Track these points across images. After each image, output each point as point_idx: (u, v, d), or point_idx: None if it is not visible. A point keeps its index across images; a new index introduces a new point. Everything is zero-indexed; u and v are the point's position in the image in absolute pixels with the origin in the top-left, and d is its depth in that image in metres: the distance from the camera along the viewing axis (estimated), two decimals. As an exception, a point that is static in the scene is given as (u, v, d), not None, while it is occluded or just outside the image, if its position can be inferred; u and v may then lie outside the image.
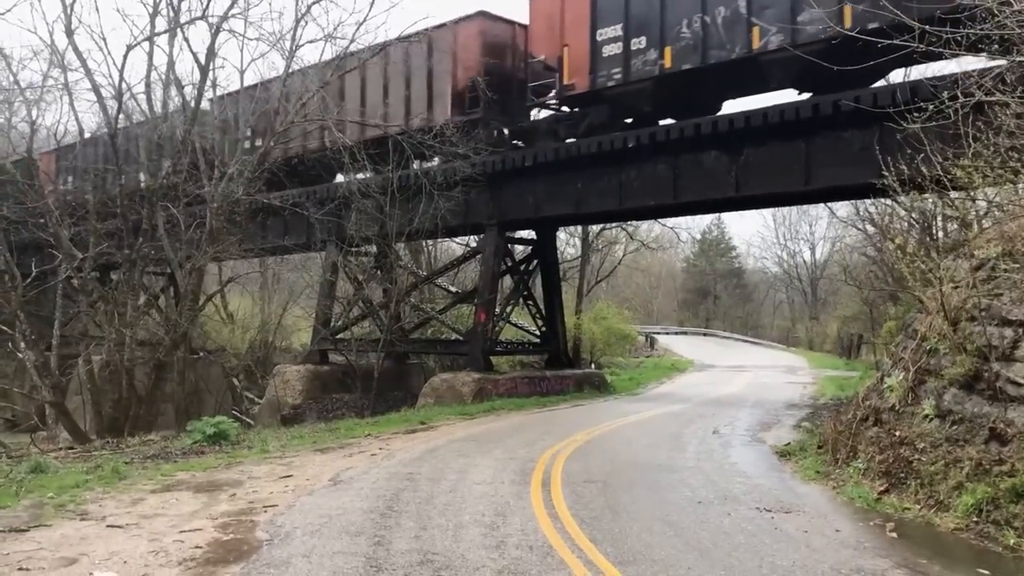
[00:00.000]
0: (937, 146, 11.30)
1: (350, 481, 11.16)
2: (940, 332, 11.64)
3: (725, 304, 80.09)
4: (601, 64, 21.91)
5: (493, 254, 25.51)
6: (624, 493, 10.37)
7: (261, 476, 11.75)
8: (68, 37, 19.00)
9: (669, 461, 12.99)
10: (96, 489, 10.76)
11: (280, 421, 25.83)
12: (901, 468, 10.46)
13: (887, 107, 13.42)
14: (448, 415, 20.18)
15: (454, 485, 10.75)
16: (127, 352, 19.66)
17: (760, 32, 19.12)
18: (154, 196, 20.62)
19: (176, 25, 19.63)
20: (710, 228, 78.76)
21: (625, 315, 44.51)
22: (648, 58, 21.13)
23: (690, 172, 21.43)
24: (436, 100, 25.12)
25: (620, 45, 21.55)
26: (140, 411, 20.12)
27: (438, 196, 23.53)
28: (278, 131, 21.62)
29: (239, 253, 23.00)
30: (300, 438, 16.37)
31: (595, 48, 21.99)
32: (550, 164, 23.47)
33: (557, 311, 28.02)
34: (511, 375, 25.73)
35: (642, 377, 35.20)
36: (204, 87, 20.61)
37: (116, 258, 22.13)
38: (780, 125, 19.36)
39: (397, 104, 26.36)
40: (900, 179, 11.54)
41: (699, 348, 54.92)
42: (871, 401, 13.54)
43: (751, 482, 11.40)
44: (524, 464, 12.41)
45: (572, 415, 20.68)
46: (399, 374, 29.61)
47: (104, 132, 22.82)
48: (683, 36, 20.39)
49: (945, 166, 10.51)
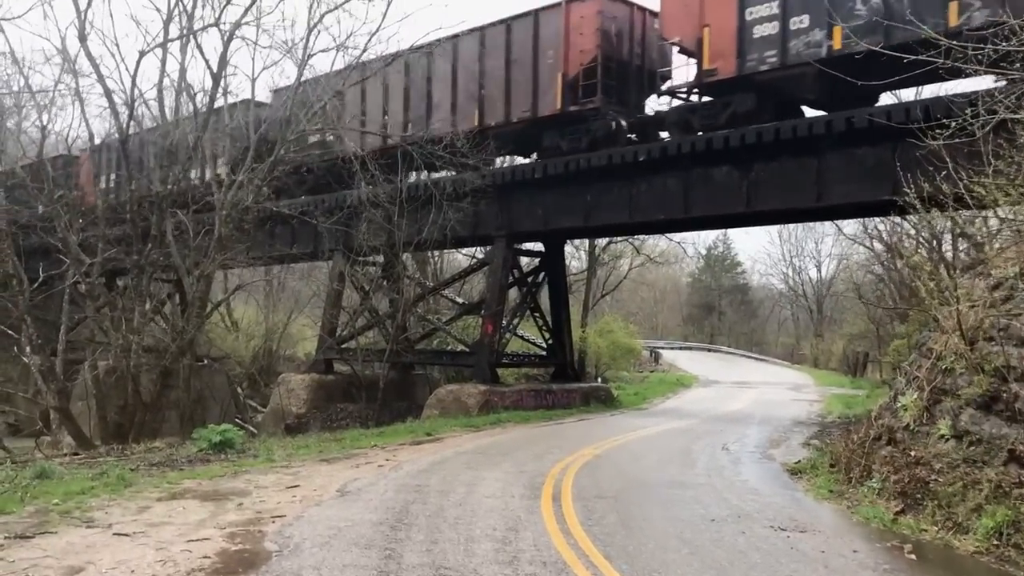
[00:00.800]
0: (955, 164, 11.23)
1: (358, 492, 11.04)
2: (957, 351, 11.51)
3: (730, 320, 79.95)
4: (751, 46, 19.52)
5: (501, 266, 25.43)
6: (636, 509, 10.23)
7: (268, 485, 11.64)
8: (81, 42, 19.01)
9: (680, 477, 12.85)
10: (102, 496, 10.65)
11: (284, 430, 25.70)
12: (917, 489, 10.31)
13: (905, 123, 13.23)
14: (454, 427, 20.05)
15: (464, 498, 10.62)
16: (133, 358, 19.57)
17: (959, 7, 16.42)
18: (164, 202, 20.58)
19: (189, 32, 19.61)
20: (716, 243, 78.85)
21: (631, 329, 44.34)
22: (812, 39, 18.70)
23: (700, 186, 21.34)
24: (542, 89, 23.18)
25: (776, 24, 19.15)
26: (145, 418, 20.01)
27: (447, 207, 23.44)
28: (289, 139, 21.56)
29: (247, 261, 22.93)
30: (306, 448, 16.25)
31: (744, 28, 19.65)
32: (560, 176, 23.39)
33: (564, 324, 27.92)
34: (517, 387, 25.60)
35: (648, 392, 35.02)
36: (216, 94, 20.60)
37: (124, 264, 22.06)
38: (792, 141, 19.28)
39: (467, 103, 24.93)
40: (919, 196, 11.35)
41: (704, 364, 54.71)
42: (884, 420, 13.39)
43: (764, 500, 11.26)
44: (533, 478, 12.28)
45: (579, 429, 20.54)
46: (404, 385, 29.50)
47: (134, 134, 22.72)
48: (858, 13, 17.99)
49: (966, 184, 10.40)
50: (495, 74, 24.41)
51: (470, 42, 25.07)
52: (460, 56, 25.28)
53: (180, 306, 23.15)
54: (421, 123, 25.51)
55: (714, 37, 20.23)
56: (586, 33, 22.48)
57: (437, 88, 25.89)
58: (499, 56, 24.24)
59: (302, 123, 21.72)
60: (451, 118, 25.09)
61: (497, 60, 24.34)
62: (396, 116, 27.16)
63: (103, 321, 21.27)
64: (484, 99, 24.62)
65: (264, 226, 26.86)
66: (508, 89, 24.01)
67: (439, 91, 25.86)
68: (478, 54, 24.83)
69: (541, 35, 23.32)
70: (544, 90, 23.18)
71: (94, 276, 21.62)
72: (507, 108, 24.04)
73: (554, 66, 22.94)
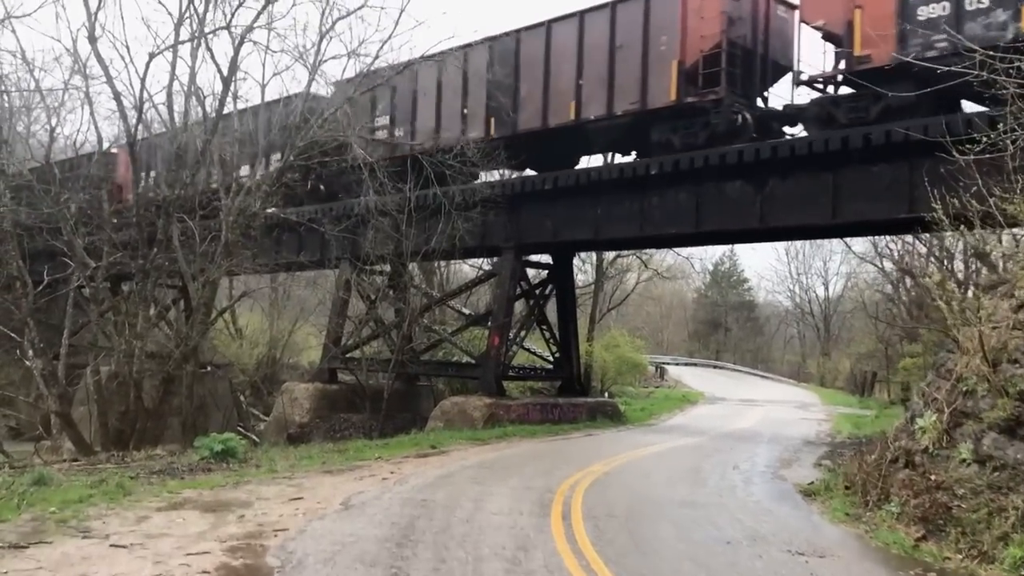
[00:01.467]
0: (983, 181, 10.97)
1: (362, 506, 10.77)
2: (979, 373, 11.22)
3: (736, 336, 79.54)
4: (914, 30, 17.28)
5: (509, 277, 25.16)
6: (648, 529, 9.94)
7: (270, 497, 11.38)
8: (91, 43, 18.83)
9: (692, 497, 12.55)
10: (100, 505, 10.40)
11: (287, 439, 25.44)
12: (939, 514, 10.00)
13: (937, 137, 12.80)
14: (459, 440, 19.76)
15: (471, 514, 10.34)
16: (136, 364, 19.32)
17: None
18: (171, 207, 20.36)
19: (200, 35, 19.43)
20: (723, 259, 78.45)
21: (637, 344, 44.03)
22: (993, 20, 16.46)
23: (713, 201, 21.07)
24: (654, 78, 20.85)
25: (947, 5, 17.08)
26: (147, 424, 19.75)
27: (456, 216, 23.18)
28: (298, 145, 21.34)
29: (253, 268, 22.70)
30: (309, 458, 15.97)
31: (905, 9, 17.51)
32: (570, 188, 23.14)
33: (572, 337, 27.62)
34: (523, 401, 25.29)
35: (654, 408, 34.67)
36: (226, 98, 20.42)
37: (130, 268, 21.83)
38: (808, 157, 19.01)
39: (560, 95, 22.66)
40: (947, 213, 11.04)
41: (710, 380, 54.31)
42: (901, 442, 13.07)
43: (779, 522, 10.95)
44: (542, 495, 11.99)
45: (587, 445, 20.24)
46: (408, 396, 29.21)
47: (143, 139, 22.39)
48: None
49: (996, 201, 10.12)
50: (595, 62, 22.05)
51: (566, 28, 23.07)
52: (554, 40, 23.08)
53: (184, 312, 22.92)
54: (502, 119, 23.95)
55: (868, 20, 17.99)
56: (708, 17, 20.27)
57: (527, 80, 23.69)
58: (601, 43, 21.89)
59: (312, 128, 21.46)
60: (541, 113, 23.21)
61: (598, 48, 21.97)
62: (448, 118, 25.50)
63: (107, 326, 21.03)
64: (582, 91, 22.26)
65: (271, 233, 26.65)
66: (611, 79, 21.71)
67: (528, 82, 23.63)
68: (576, 40, 22.42)
69: (653, 19, 21.07)
70: (655, 80, 20.89)
71: (99, 280, 21.39)
72: (609, 100, 21.79)
73: (668, 53, 20.61)
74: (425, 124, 25.65)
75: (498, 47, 24.44)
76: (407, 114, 26.30)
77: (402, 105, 26.38)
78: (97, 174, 23.02)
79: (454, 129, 24.81)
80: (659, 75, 20.87)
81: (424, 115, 25.85)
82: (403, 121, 26.38)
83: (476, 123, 24.68)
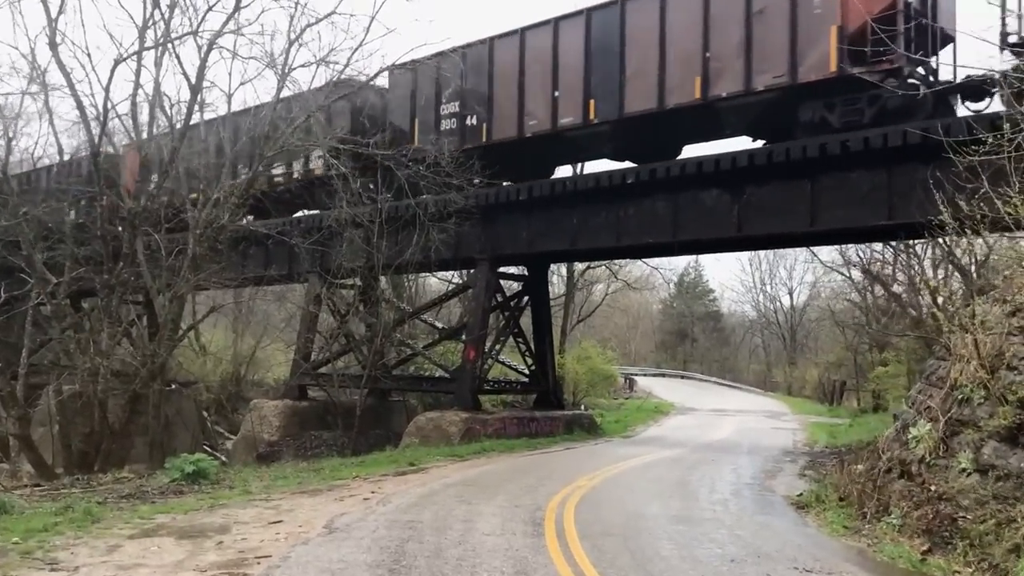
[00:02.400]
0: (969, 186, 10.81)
1: (347, 529, 10.26)
2: (975, 380, 11.03)
3: (703, 347, 79.76)
4: None
5: (484, 289, 24.74)
6: (649, 547, 9.56)
7: (248, 521, 10.84)
8: (52, 49, 18.09)
9: (685, 512, 12.20)
10: (67, 534, 9.81)
11: (256, 458, 24.75)
12: (944, 526, 9.74)
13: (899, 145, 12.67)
14: (437, 456, 19.27)
15: (462, 536, 9.89)
16: (101, 383, 18.57)
17: None
18: (136, 219, 19.66)
19: (167, 40, 18.84)
20: (688, 270, 78.68)
21: (609, 355, 43.83)
22: None
23: (690, 210, 20.87)
24: (806, 46, 17.81)
25: None
26: (112, 445, 18.99)
27: (431, 227, 22.68)
28: (267, 155, 20.76)
29: (221, 282, 22.02)
30: (284, 478, 15.43)
31: None
32: (545, 199, 22.81)
33: (548, 350, 27.26)
34: (500, 415, 24.84)
35: (628, 419, 34.40)
36: (194, 106, 19.77)
37: (92, 284, 21.05)
38: (785, 164, 18.87)
39: (682, 69, 19.55)
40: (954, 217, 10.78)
41: (678, 391, 54.23)
42: (894, 452, 12.86)
43: (779, 537, 10.64)
44: (532, 513, 11.57)
45: (567, 459, 19.84)
46: (380, 412, 28.60)
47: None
48: None
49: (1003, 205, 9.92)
50: (727, 31, 19.03)
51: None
52: (669, 9, 20.01)
53: (149, 328, 22.17)
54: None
55: None
56: None
57: (633, 55, 20.54)
58: (734, 9, 18.88)
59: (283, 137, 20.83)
60: (655, 92, 20.06)
61: (730, 14, 18.97)
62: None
63: (69, 344, 20.23)
64: (709, 64, 19.17)
65: (237, 247, 25.93)
66: (748, 49, 18.61)
67: (635, 58, 20.49)
68: (701, 7, 19.44)
69: None
70: (808, 48, 17.83)
71: (60, 297, 20.60)
72: (747, 74, 18.63)
73: (825, 16, 17.58)
74: (506, 111, 22.89)
75: (596, 19, 21.45)
76: (482, 100, 23.40)
77: (477, 89, 23.58)
78: (108, 176, 21.20)
79: (541, 114, 22.21)
80: (813, 42, 17.74)
81: (503, 102, 22.96)
82: (478, 107, 23.44)
83: (570, 107, 21.77)
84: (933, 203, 15.15)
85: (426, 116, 24.41)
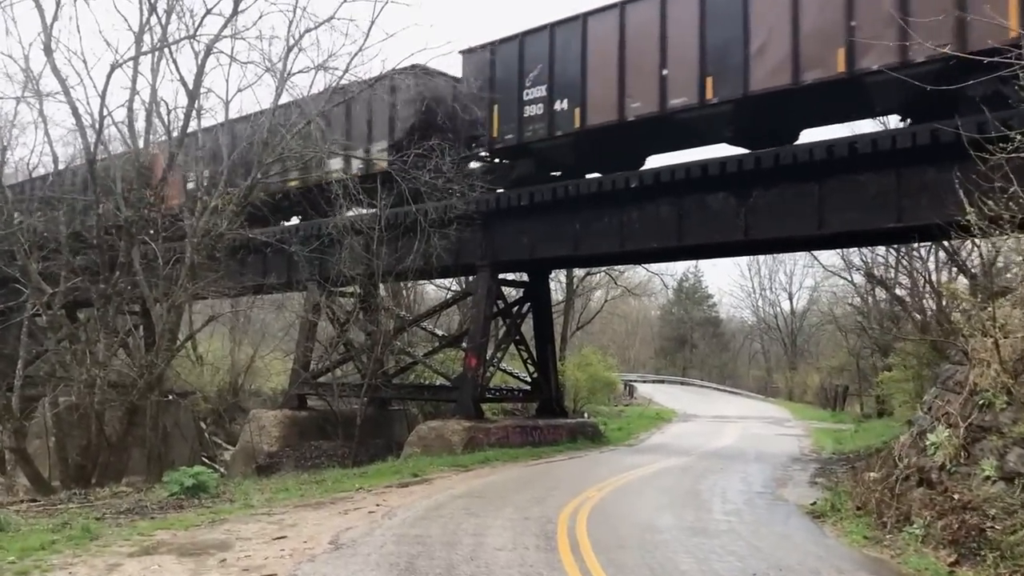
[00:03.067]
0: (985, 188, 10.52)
1: (353, 545, 9.94)
2: (997, 385, 10.75)
3: (702, 353, 79.44)
4: None
5: (485, 296, 24.41)
6: (668, 562, 9.24)
7: (251, 536, 10.50)
8: (47, 55, 17.76)
9: (700, 524, 11.87)
10: (65, 552, 9.48)
11: (255, 470, 24.37)
12: (972, 537, 9.44)
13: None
14: (440, 466, 18.93)
15: (473, 552, 9.56)
16: (98, 394, 18.20)
17: None
18: (133, 228, 19.32)
19: (164, 44, 18.50)
20: (686, 276, 78.38)
21: (609, 362, 43.51)
22: None
23: (695, 214, 20.56)
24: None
25: None
26: (110, 458, 18.62)
27: (432, 234, 22.35)
28: (266, 162, 20.42)
29: (220, 291, 21.67)
30: (286, 491, 15.08)
31: None
32: (547, 204, 22.49)
33: (550, 357, 26.91)
34: (503, 423, 24.50)
35: (631, 427, 34.09)
36: (191, 112, 19.45)
37: (88, 294, 20.70)
38: (792, 167, 18.60)
39: (815, 39, 17.23)
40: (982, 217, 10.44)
41: (679, 397, 53.92)
42: (912, 459, 12.57)
43: (799, 549, 10.32)
44: (543, 526, 11.24)
45: (573, 468, 19.51)
46: (380, 421, 28.22)
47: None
48: None
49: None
50: None
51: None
52: None
53: (146, 339, 21.82)
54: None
55: None
56: None
57: (762, 22, 18.17)
58: None
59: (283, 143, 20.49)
60: (789, 64, 17.66)
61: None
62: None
63: (65, 355, 19.87)
64: (855, 33, 16.73)
65: (235, 255, 25.55)
66: (905, 16, 15.33)
67: (764, 27, 18.10)
68: None
69: None
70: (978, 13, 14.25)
71: (56, 307, 20.24)
72: (902, 43, 15.56)
73: None
74: (603, 94, 20.71)
75: None
76: (574, 83, 21.33)
77: (567, 71, 21.61)
78: (142, 174, 20.40)
79: (646, 96, 19.98)
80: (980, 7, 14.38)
81: (600, 84, 20.84)
82: (570, 91, 21.40)
83: (682, 86, 19.37)
84: (942, 205, 15.15)
85: (507, 104, 22.54)
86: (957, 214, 11.47)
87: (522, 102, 22.28)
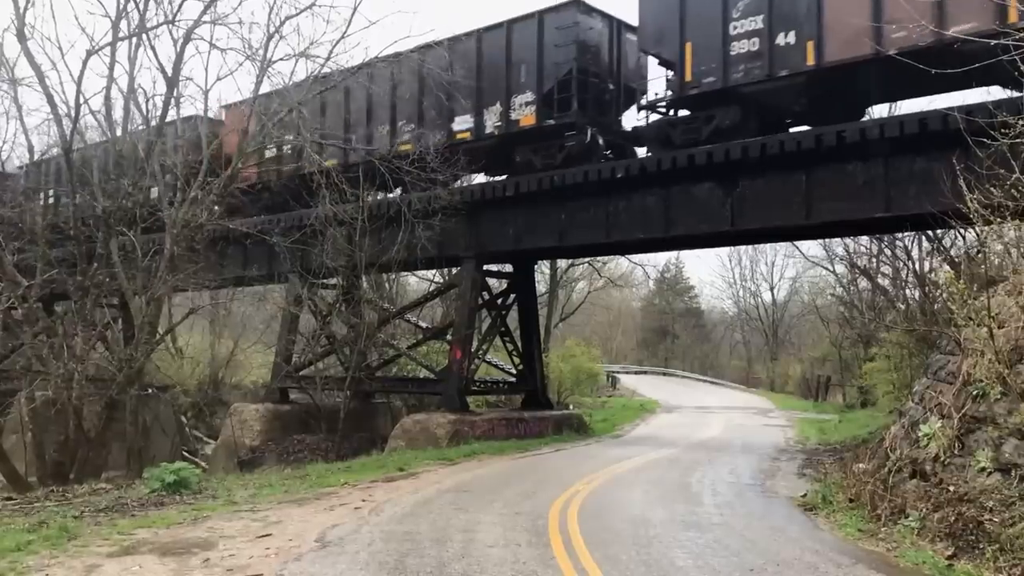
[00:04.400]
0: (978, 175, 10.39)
1: (341, 543, 9.68)
2: (993, 375, 10.63)
3: (684, 344, 79.54)
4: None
5: (470, 287, 24.17)
6: (663, 557, 9.06)
7: (235, 534, 10.22)
8: (20, 42, 17.30)
9: (693, 517, 11.71)
10: (42, 552, 9.16)
11: (237, 465, 24.09)
12: (969, 529, 9.33)
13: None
14: (426, 460, 18.69)
15: (464, 548, 9.34)
16: (76, 389, 17.81)
17: None
18: (111, 219, 18.91)
19: (141, 30, 18.09)
20: (668, 267, 78.40)
21: (593, 353, 43.38)
22: None
23: (682, 204, 20.43)
24: None
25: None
26: (88, 454, 18.25)
27: (416, 225, 22.05)
28: (247, 151, 20.05)
29: (200, 284, 21.29)
30: (269, 486, 14.77)
31: None
32: (532, 194, 22.26)
33: (535, 349, 26.71)
34: (488, 416, 24.28)
35: (615, 418, 33.95)
36: (171, 100, 19.05)
37: (65, 286, 20.28)
38: (779, 156, 18.45)
39: None
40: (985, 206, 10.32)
41: (662, 388, 53.87)
42: (904, 450, 12.46)
43: (795, 543, 10.16)
44: (534, 521, 11.04)
45: (560, 461, 19.33)
46: (364, 414, 27.94)
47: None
48: None
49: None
50: None
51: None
52: None
53: (125, 332, 21.42)
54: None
55: None
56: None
57: None
58: None
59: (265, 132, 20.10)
60: None
61: None
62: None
63: (41, 349, 19.44)
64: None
65: (215, 247, 25.16)
66: None
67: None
68: None
69: None
70: None
71: (32, 300, 19.80)
72: None
73: None
74: (847, 22, 16.63)
75: None
76: (805, 10, 17.61)
77: None
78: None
79: (915, 20, 15.04)
80: None
81: (843, 10, 16.58)
82: (799, 20, 17.75)
83: (969, 6, 15.19)
84: (932, 194, 15.10)
85: (709, 38, 19.00)
86: (953, 202, 11.37)
87: (728, 37, 18.69)
